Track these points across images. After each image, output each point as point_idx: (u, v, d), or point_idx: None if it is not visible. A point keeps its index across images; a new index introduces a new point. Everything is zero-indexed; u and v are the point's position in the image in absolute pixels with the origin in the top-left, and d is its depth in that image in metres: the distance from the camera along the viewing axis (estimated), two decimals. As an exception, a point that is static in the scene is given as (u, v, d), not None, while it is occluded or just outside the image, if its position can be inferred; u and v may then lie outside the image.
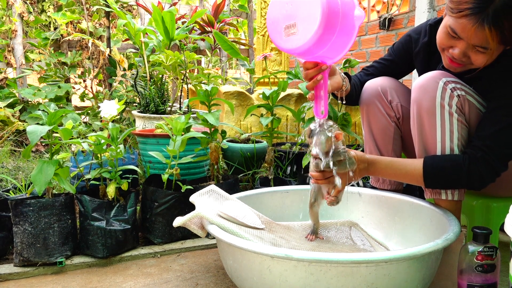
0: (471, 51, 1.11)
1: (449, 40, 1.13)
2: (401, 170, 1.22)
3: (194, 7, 4.93)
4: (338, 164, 1.17)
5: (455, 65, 1.17)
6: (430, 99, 1.17)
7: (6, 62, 3.18)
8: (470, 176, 1.13)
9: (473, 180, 1.14)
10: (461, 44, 1.11)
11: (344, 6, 0.97)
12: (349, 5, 0.98)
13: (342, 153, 1.17)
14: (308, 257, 0.92)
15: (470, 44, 1.09)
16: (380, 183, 1.50)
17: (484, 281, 1.02)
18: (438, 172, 1.16)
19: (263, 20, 2.91)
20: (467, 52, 1.12)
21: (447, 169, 1.15)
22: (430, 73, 1.20)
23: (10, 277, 1.28)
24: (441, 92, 1.16)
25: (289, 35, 1.01)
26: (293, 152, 2.04)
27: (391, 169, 1.23)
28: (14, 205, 1.30)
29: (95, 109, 2.86)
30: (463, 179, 1.14)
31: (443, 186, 1.20)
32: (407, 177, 1.23)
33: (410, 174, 1.20)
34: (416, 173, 1.19)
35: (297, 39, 1.00)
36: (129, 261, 1.41)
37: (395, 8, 3.08)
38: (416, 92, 1.21)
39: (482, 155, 1.12)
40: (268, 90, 1.83)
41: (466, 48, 1.11)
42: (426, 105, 1.18)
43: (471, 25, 1.05)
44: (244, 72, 6.43)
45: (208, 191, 1.33)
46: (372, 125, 1.44)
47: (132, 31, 2.51)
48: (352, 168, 1.19)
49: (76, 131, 1.46)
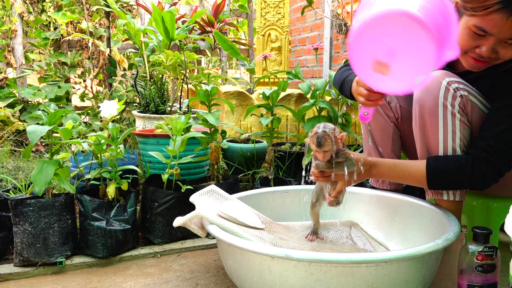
0: (500, 46, 1.08)
1: (474, 40, 1.10)
2: (404, 172, 1.22)
3: (194, 7, 4.93)
4: (338, 166, 1.17)
5: (481, 64, 1.14)
6: (433, 99, 1.16)
7: (6, 62, 3.18)
8: (474, 176, 1.13)
9: (477, 181, 1.13)
10: (490, 40, 1.07)
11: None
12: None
13: (341, 155, 1.18)
14: (308, 257, 0.92)
15: (499, 38, 1.06)
16: (380, 183, 1.50)
17: (484, 281, 1.02)
18: (442, 173, 1.16)
19: (263, 20, 2.91)
20: (496, 48, 1.09)
21: (450, 171, 1.15)
22: (434, 73, 1.20)
23: (10, 277, 1.28)
24: (444, 92, 1.15)
25: (378, 72, 0.96)
26: (293, 152, 2.04)
27: (394, 171, 1.23)
28: (14, 205, 1.30)
29: (95, 109, 2.86)
30: (467, 180, 1.14)
31: (446, 187, 1.20)
32: (409, 179, 1.22)
33: (413, 176, 1.20)
34: (419, 175, 1.18)
35: (390, 82, 0.96)
36: (129, 261, 1.41)
37: (395, 8, 3.08)
38: (419, 92, 1.20)
39: (485, 155, 1.12)
40: (268, 90, 1.83)
41: (495, 44, 1.08)
42: (429, 105, 1.17)
43: (504, 19, 1.02)
44: (244, 72, 6.43)
45: (208, 191, 1.33)
46: (371, 126, 1.44)
47: (132, 31, 2.51)
48: (352, 170, 1.19)
49: (76, 131, 1.46)
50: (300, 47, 4.47)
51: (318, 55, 4.04)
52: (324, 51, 3.95)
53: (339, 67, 1.55)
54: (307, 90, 1.78)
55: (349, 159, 1.19)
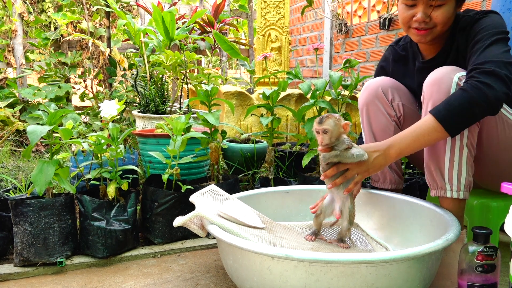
0: (429, 9, 1.24)
1: (408, 10, 1.28)
2: (418, 135, 1.15)
3: (194, 7, 4.93)
4: (344, 154, 1.15)
5: (423, 32, 1.28)
6: (444, 94, 1.16)
7: (6, 62, 3.17)
8: (480, 93, 1.08)
9: (486, 95, 1.07)
10: (419, 7, 1.25)
11: None
12: None
13: (346, 141, 1.16)
14: (309, 257, 0.92)
15: (425, 3, 1.24)
16: (380, 183, 1.50)
17: (484, 281, 1.02)
18: (451, 111, 1.11)
19: (263, 20, 2.91)
20: (427, 12, 1.25)
21: (455, 104, 1.11)
22: (442, 69, 1.20)
23: (10, 277, 1.28)
24: (455, 87, 1.16)
25: None
26: (293, 152, 2.04)
27: (409, 138, 1.17)
28: (14, 205, 1.30)
29: (95, 109, 2.86)
30: (480, 102, 1.08)
31: (466, 123, 1.13)
32: (428, 137, 1.15)
33: (427, 132, 1.14)
34: (433, 128, 1.13)
35: None
36: (129, 261, 1.41)
37: (395, 8, 3.08)
38: (429, 88, 1.20)
39: (476, 72, 1.11)
40: (268, 90, 1.83)
41: (425, 8, 1.24)
42: (440, 100, 1.16)
43: None
44: (244, 72, 6.43)
45: (208, 191, 1.33)
46: (372, 125, 1.44)
47: (132, 31, 2.51)
48: (361, 159, 1.16)
49: (76, 131, 1.46)
50: (300, 47, 4.47)
51: (318, 55, 4.04)
52: (324, 51, 3.95)
53: (340, 69, 1.57)
54: (307, 90, 1.78)
55: (355, 147, 1.16)
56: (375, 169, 1.20)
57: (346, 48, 3.69)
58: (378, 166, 1.20)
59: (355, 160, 1.16)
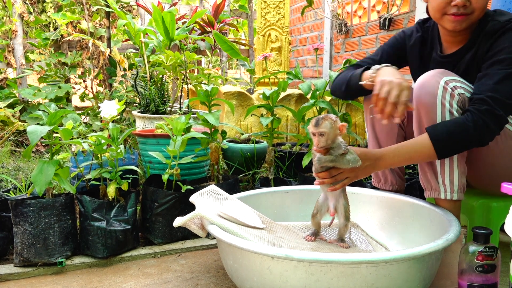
0: None
1: None
2: (410, 153, 1.19)
3: (194, 7, 4.93)
4: (340, 159, 1.16)
5: (460, 18, 1.21)
6: (431, 98, 1.17)
7: (6, 62, 3.17)
8: (477, 129, 1.11)
9: (482, 133, 1.12)
10: None
11: None
12: None
13: (343, 145, 1.16)
14: (309, 258, 0.92)
15: None
16: (381, 184, 1.50)
17: (485, 281, 1.02)
18: (446, 137, 1.14)
19: (263, 20, 2.90)
20: None
21: (453, 132, 1.13)
22: (430, 72, 1.20)
23: (10, 277, 1.28)
24: (442, 91, 1.16)
25: None
26: (293, 152, 2.04)
27: (400, 156, 1.20)
28: (14, 205, 1.30)
29: (95, 109, 2.86)
30: (473, 136, 1.12)
31: (456, 150, 1.18)
32: (418, 157, 1.20)
33: (419, 152, 1.18)
34: (426, 150, 1.16)
35: None
36: (129, 261, 1.41)
37: (395, 8, 3.08)
38: (417, 91, 1.21)
39: (485, 107, 1.11)
40: (268, 90, 1.83)
41: None
42: (427, 104, 1.18)
43: None
44: (244, 72, 6.43)
45: (208, 191, 1.33)
46: (376, 127, 1.44)
47: (132, 31, 2.51)
48: (356, 166, 1.17)
49: (76, 131, 1.46)
50: (300, 47, 4.47)
51: (318, 55, 4.04)
52: (324, 51, 3.95)
53: (340, 69, 1.55)
54: (307, 90, 1.79)
55: (351, 153, 1.17)
56: (364, 175, 1.23)
57: (346, 48, 3.69)
58: (367, 173, 1.22)
59: (349, 167, 1.17)
